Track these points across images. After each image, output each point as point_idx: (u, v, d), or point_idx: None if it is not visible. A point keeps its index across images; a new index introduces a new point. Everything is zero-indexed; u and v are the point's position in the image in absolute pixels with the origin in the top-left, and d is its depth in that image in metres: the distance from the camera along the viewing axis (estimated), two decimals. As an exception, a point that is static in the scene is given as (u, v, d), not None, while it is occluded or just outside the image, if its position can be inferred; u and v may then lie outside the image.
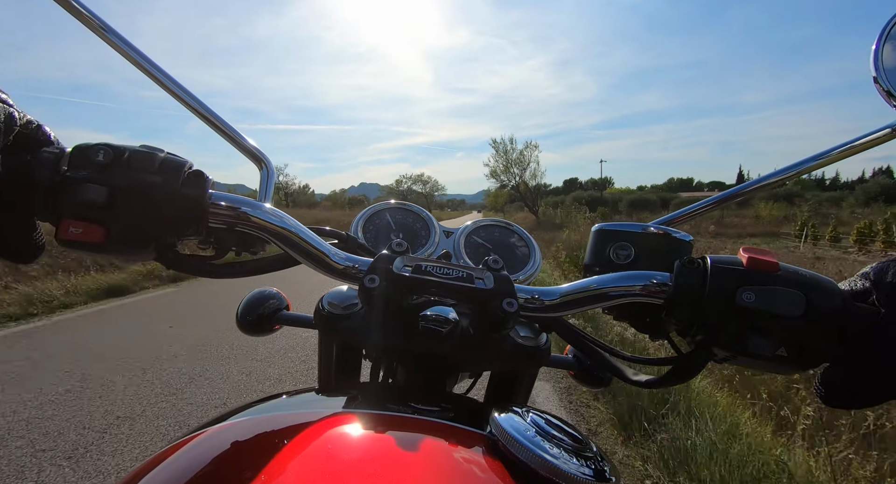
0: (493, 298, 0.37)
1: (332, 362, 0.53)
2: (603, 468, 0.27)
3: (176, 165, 0.37)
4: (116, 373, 2.93)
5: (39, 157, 0.35)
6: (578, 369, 0.59)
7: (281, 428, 0.31)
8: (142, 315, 4.54)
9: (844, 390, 0.35)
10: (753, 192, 0.54)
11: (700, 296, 0.36)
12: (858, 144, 0.45)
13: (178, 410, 2.46)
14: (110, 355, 3.25)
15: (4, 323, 4.09)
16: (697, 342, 0.38)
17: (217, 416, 0.35)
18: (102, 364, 3.08)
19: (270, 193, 0.50)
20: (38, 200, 0.35)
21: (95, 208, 0.34)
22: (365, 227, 0.60)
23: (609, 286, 0.40)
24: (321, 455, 0.27)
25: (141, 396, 2.62)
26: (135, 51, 0.47)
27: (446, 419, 0.34)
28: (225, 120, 0.50)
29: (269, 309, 0.60)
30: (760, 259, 0.35)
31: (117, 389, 2.69)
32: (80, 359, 3.18)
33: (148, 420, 2.35)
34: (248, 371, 3.02)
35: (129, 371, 2.97)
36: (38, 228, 0.38)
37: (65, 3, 0.44)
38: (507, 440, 0.27)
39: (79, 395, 2.62)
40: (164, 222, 0.37)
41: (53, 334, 3.82)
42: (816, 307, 0.33)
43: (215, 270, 0.43)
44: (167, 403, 2.55)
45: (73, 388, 2.71)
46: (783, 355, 0.34)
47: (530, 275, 0.59)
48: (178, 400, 2.59)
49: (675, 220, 0.55)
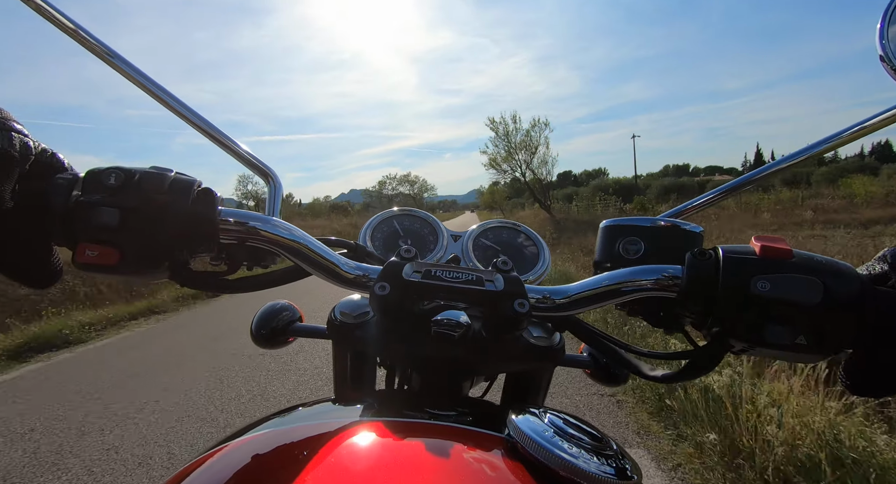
0: (503, 300, 0.37)
1: (346, 371, 0.53)
2: (624, 466, 0.27)
3: (185, 185, 0.38)
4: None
5: (54, 184, 0.36)
6: (594, 367, 0.59)
7: (300, 440, 0.31)
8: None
9: (869, 378, 0.34)
10: (764, 178, 0.53)
11: (714, 287, 0.35)
12: (870, 125, 0.44)
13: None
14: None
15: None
16: (713, 334, 0.38)
17: (233, 431, 0.35)
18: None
19: (279, 207, 0.51)
20: (55, 226, 0.36)
21: (109, 231, 0.35)
22: (373, 236, 0.60)
23: (621, 282, 0.40)
24: (342, 465, 0.27)
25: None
26: (137, 72, 0.48)
27: (464, 423, 0.34)
28: (229, 135, 0.51)
29: (282, 321, 0.61)
30: (773, 247, 0.35)
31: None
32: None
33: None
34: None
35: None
36: (55, 253, 0.38)
37: (63, 26, 0.44)
38: (525, 442, 0.27)
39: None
40: (176, 241, 0.37)
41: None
42: (834, 293, 0.32)
43: (228, 286, 0.44)
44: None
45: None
46: (802, 343, 0.33)
47: (540, 274, 0.59)
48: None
49: (684, 212, 0.55)
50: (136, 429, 2.47)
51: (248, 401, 2.80)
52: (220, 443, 0.33)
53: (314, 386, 3.00)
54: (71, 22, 0.44)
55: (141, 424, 2.53)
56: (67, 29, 0.44)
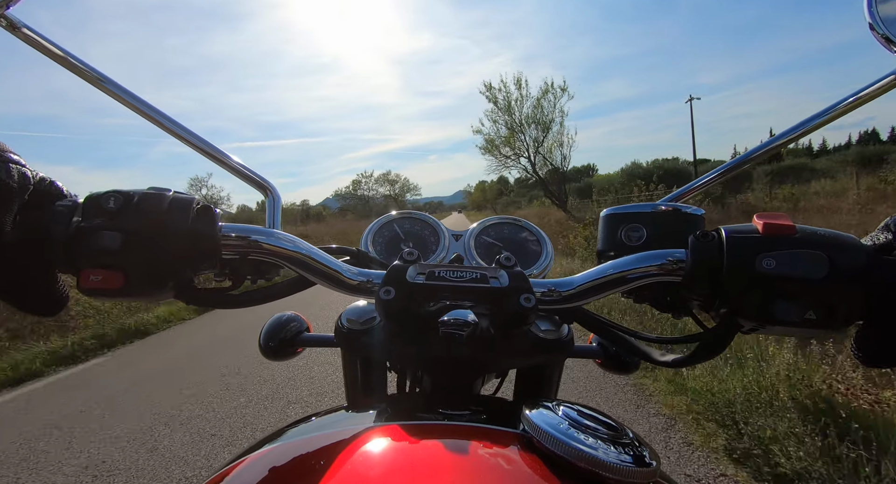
0: (509, 296, 0.37)
1: (357, 378, 0.53)
2: (642, 453, 0.27)
3: (184, 203, 0.38)
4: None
5: (54, 212, 0.36)
6: (604, 357, 0.59)
7: (317, 449, 0.31)
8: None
9: (881, 348, 0.34)
10: (761, 156, 0.53)
11: (719, 268, 0.35)
12: (864, 95, 0.44)
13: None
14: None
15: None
16: (722, 315, 0.38)
17: (249, 446, 0.35)
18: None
19: (279, 219, 0.51)
20: (58, 253, 0.36)
21: (112, 254, 0.35)
22: (374, 241, 0.60)
23: (625, 270, 0.39)
24: (360, 472, 0.27)
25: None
26: (127, 93, 0.48)
27: (478, 422, 0.34)
28: (224, 151, 0.51)
29: (289, 333, 0.61)
30: (776, 224, 0.34)
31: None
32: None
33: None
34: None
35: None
36: (59, 281, 0.39)
37: (50, 52, 0.44)
38: (541, 436, 0.27)
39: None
40: (179, 260, 0.38)
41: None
42: (840, 266, 0.32)
43: (234, 301, 0.44)
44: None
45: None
46: (812, 319, 0.33)
47: (544, 268, 0.59)
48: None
49: (683, 195, 0.55)
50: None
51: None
52: (237, 458, 0.33)
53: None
54: (57, 47, 0.44)
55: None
56: (54, 55, 0.45)
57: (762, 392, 2.10)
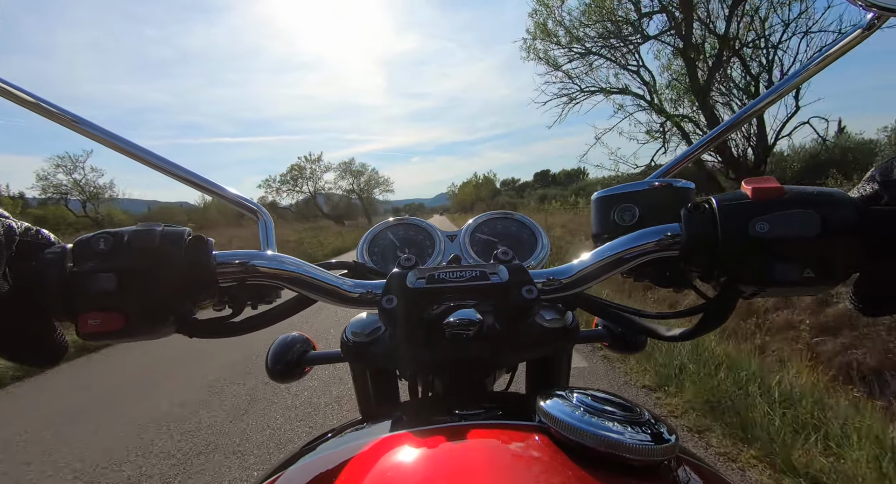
0: (511, 289, 0.37)
1: (368, 390, 0.53)
2: (659, 431, 0.27)
3: (176, 236, 0.38)
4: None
5: (45, 260, 0.36)
6: (611, 339, 0.59)
7: (337, 466, 0.31)
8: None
9: (878, 297, 0.34)
10: (743, 121, 0.54)
11: (714, 238, 0.35)
12: (834, 52, 0.44)
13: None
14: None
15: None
16: (723, 284, 0.38)
17: (265, 474, 0.35)
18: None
19: (273, 241, 0.51)
20: (53, 301, 0.35)
21: (109, 296, 0.35)
22: (370, 251, 0.60)
23: (622, 250, 0.40)
24: (385, 481, 0.27)
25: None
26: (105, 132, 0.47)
27: (494, 419, 0.34)
28: (212, 180, 0.51)
29: (295, 354, 0.60)
30: (764, 187, 0.35)
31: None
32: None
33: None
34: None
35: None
36: (56, 329, 0.38)
37: (21, 100, 0.44)
38: (557, 425, 0.27)
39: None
40: (176, 294, 0.37)
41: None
42: (832, 222, 0.33)
43: (237, 328, 0.44)
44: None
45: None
46: (810, 276, 0.33)
47: (542, 258, 0.59)
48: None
49: (671, 170, 0.55)
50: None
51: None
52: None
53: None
54: (29, 94, 0.44)
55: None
56: (26, 102, 0.44)
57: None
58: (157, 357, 3.60)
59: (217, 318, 0.44)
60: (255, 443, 2.24)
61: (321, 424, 2.39)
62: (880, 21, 0.40)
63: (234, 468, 2.03)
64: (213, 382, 3.04)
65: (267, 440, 2.25)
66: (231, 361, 3.40)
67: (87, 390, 3.10)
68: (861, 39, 0.42)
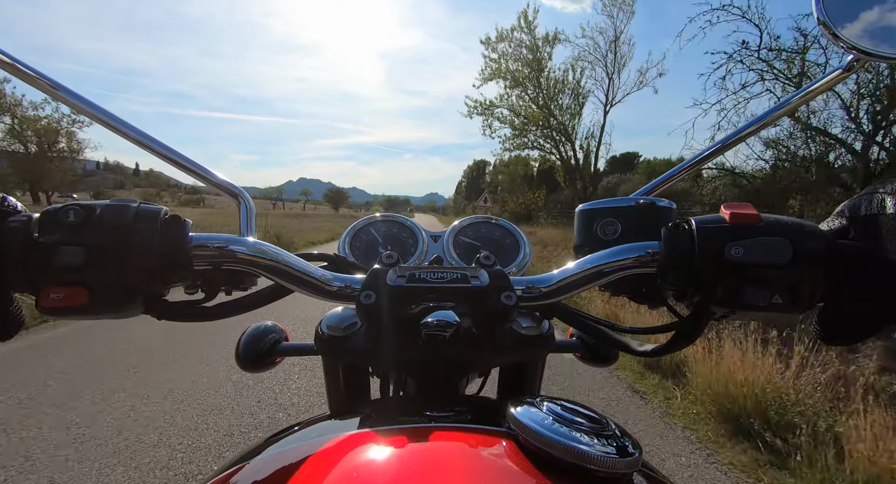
0: (490, 294, 0.37)
1: (339, 385, 0.52)
2: (624, 444, 0.27)
3: (151, 214, 0.36)
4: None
5: (7, 228, 0.34)
6: (584, 350, 0.59)
7: (301, 460, 0.30)
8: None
9: (841, 326, 0.36)
10: (728, 147, 0.55)
11: (691, 258, 0.36)
12: (815, 88, 0.46)
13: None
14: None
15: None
16: (696, 303, 0.39)
17: (229, 461, 0.34)
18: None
19: (253, 227, 0.50)
20: (12, 273, 0.34)
21: (74, 271, 0.34)
22: (352, 245, 0.59)
23: (602, 264, 0.40)
24: (347, 479, 0.26)
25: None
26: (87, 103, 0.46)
27: (464, 422, 0.34)
28: (194, 160, 0.50)
29: (267, 343, 0.59)
30: (742, 213, 0.36)
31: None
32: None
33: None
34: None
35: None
36: (14, 301, 0.36)
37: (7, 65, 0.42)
38: (526, 432, 0.27)
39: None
40: (147, 274, 0.36)
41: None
42: (802, 251, 0.34)
43: (208, 313, 0.43)
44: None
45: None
46: (778, 302, 0.35)
47: (523, 265, 0.59)
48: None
49: (655, 189, 0.56)
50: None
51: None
52: (216, 475, 0.32)
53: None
54: (8, 57, 0.42)
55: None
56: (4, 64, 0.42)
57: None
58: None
59: (189, 301, 0.43)
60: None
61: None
62: (859, 64, 0.42)
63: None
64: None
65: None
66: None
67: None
68: (840, 80, 0.44)
